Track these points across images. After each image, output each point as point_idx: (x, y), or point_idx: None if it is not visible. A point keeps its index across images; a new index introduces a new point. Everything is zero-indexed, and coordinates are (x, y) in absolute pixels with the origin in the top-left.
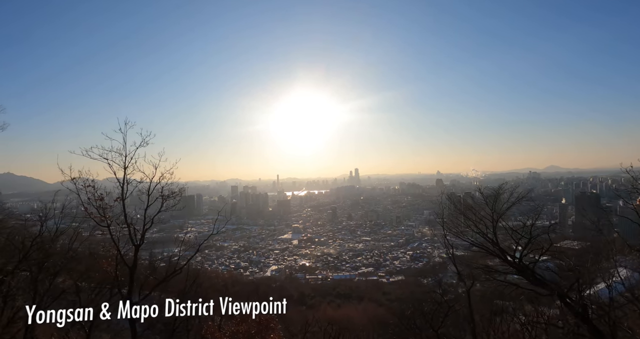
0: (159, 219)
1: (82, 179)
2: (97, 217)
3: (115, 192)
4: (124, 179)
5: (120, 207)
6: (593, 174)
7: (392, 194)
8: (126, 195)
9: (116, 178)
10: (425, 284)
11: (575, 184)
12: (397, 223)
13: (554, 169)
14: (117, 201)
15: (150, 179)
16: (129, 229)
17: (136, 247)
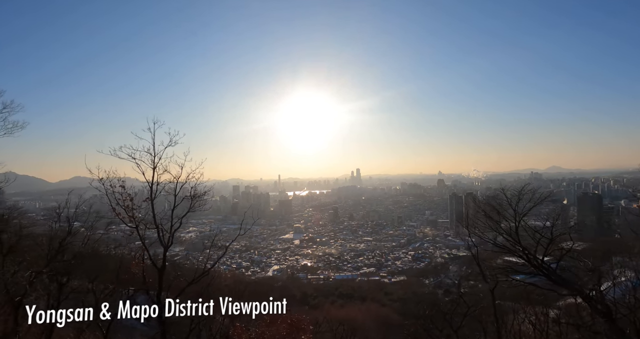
0: (186, 220)
1: (109, 180)
2: (126, 218)
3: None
4: (153, 179)
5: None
6: (595, 174)
7: (394, 194)
8: (155, 195)
9: (145, 178)
10: (428, 285)
11: (577, 184)
12: (399, 223)
13: (555, 170)
14: (146, 201)
15: (176, 179)
16: (157, 230)
17: (165, 249)
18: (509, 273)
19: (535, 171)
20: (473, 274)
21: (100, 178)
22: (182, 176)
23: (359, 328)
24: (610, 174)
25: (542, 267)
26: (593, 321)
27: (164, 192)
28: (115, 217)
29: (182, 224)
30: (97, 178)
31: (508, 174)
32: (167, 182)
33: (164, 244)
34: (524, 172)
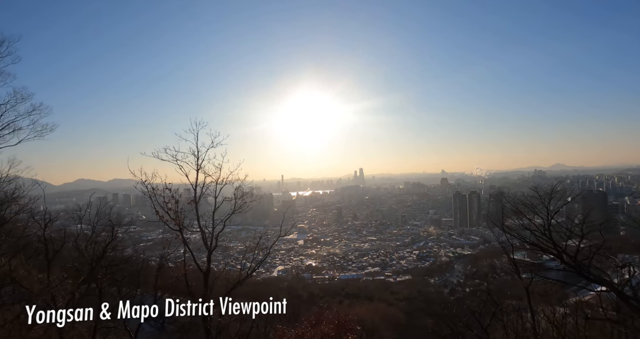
0: (230, 221)
1: (146, 182)
2: (170, 221)
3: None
4: (197, 181)
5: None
6: (599, 172)
7: (397, 193)
8: (199, 198)
9: (188, 180)
10: (433, 284)
11: (581, 182)
12: (403, 223)
13: (559, 168)
14: (190, 203)
15: (216, 181)
16: (202, 233)
17: (209, 252)
18: (536, 271)
19: (539, 169)
20: (478, 273)
21: (144, 180)
22: (222, 177)
23: (374, 329)
24: (614, 171)
25: (575, 264)
26: (620, 316)
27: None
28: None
29: (225, 226)
30: (104, 179)
31: (511, 172)
32: (211, 183)
33: (208, 247)
34: (527, 171)
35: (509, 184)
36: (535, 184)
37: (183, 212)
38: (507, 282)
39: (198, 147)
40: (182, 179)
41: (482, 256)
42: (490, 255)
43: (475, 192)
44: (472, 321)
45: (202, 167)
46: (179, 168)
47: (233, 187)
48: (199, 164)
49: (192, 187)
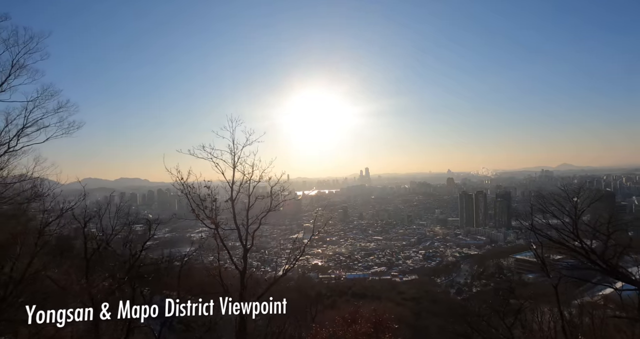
0: (265, 220)
1: (179, 182)
2: (206, 220)
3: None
4: (233, 179)
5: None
6: (606, 172)
7: (403, 193)
8: (236, 196)
9: (224, 178)
10: (440, 284)
11: (589, 182)
12: (409, 222)
13: (566, 168)
14: (227, 202)
15: (249, 178)
16: (238, 231)
17: (245, 250)
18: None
19: (546, 169)
20: (485, 273)
21: (181, 178)
22: (256, 174)
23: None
24: (622, 171)
25: (604, 263)
26: None
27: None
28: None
29: (261, 225)
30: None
31: (518, 172)
32: (246, 181)
33: (244, 246)
34: (534, 171)
35: (516, 184)
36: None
37: (218, 210)
38: (514, 282)
39: (235, 144)
40: (208, 177)
41: (488, 256)
42: (497, 255)
43: (481, 192)
44: (483, 320)
45: (237, 165)
46: (214, 166)
47: (269, 185)
48: (235, 162)
49: (228, 185)
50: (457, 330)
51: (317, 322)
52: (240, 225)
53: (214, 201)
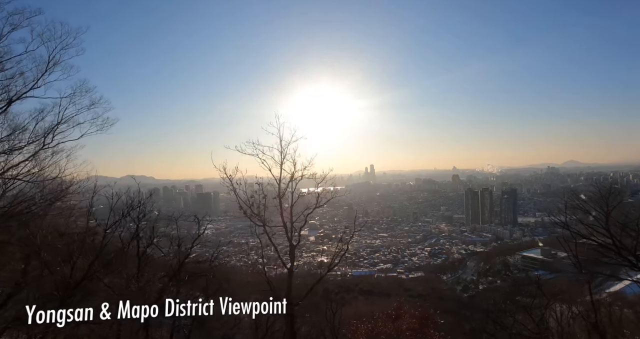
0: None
1: (228, 179)
2: (254, 217)
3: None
4: (280, 176)
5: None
6: (613, 169)
7: (408, 190)
8: (283, 193)
9: (272, 175)
10: (446, 281)
11: (595, 179)
12: (414, 219)
13: (573, 164)
14: (276, 198)
15: (291, 175)
16: (284, 228)
17: (292, 247)
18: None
19: (552, 166)
20: (491, 270)
21: (229, 175)
22: (300, 171)
23: None
24: (629, 168)
25: (634, 259)
26: None
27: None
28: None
29: (306, 222)
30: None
31: (524, 169)
32: (294, 177)
33: (291, 243)
34: (540, 167)
35: (522, 181)
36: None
37: (265, 207)
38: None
39: (282, 140)
40: (248, 173)
41: (494, 254)
42: (503, 252)
43: (487, 188)
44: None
45: (284, 161)
46: (261, 162)
47: (315, 182)
48: (282, 159)
49: (275, 181)
50: (476, 326)
51: (339, 319)
52: (286, 222)
53: (264, 198)
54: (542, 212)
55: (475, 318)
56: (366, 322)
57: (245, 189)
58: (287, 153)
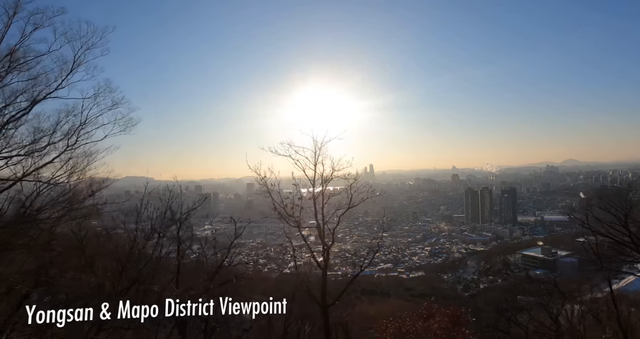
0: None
1: (262, 179)
2: (288, 217)
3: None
4: (315, 176)
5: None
6: (612, 167)
7: (408, 189)
8: (318, 193)
9: (305, 175)
10: (446, 280)
11: (594, 178)
12: (414, 219)
13: (572, 163)
14: (310, 199)
15: (320, 175)
16: (318, 228)
17: (327, 247)
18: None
19: (551, 165)
20: (492, 269)
21: (263, 176)
22: (333, 171)
23: None
24: (628, 166)
25: None
26: None
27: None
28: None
29: (340, 222)
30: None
31: (523, 168)
32: (328, 178)
33: (325, 243)
34: (539, 166)
35: (521, 180)
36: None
37: (300, 208)
38: (521, 278)
39: (315, 141)
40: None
41: (495, 253)
42: (504, 251)
43: (487, 188)
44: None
45: (318, 162)
46: (294, 163)
47: (348, 181)
48: (316, 160)
49: (310, 182)
50: (489, 324)
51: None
52: (319, 222)
53: (300, 199)
54: (539, 211)
55: (482, 316)
56: (394, 321)
57: (279, 190)
58: (320, 154)
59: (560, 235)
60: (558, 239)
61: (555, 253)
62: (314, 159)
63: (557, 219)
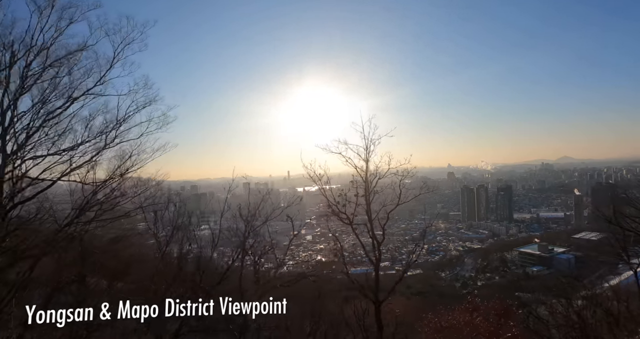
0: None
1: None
2: (342, 215)
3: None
4: (367, 173)
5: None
6: (607, 164)
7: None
8: (372, 190)
9: (357, 172)
10: (444, 278)
11: (589, 175)
12: (410, 217)
13: (567, 160)
14: (362, 196)
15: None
16: (371, 225)
17: (379, 244)
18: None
19: (546, 162)
20: (489, 266)
21: (320, 174)
22: (385, 168)
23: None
24: (622, 163)
25: None
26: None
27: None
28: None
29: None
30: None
31: (518, 165)
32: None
33: (376, 240)
34: (534, 164)
35: (516, 177)
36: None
37: (352, 205)
38: (519, 275)
39: (366, 138)
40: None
41: (492, 250)
42: (500, 249)
43: (483, 185)
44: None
45: (369, 159)
46: (346, 160)
47: (398, 178)
48: (367, 156)
49: (362, 179)
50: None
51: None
52: (370, 218)
53: (355, 196)
54: (535, 208)
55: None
56: (438, 315)
57: (330, 187)
58: (372, 150)
59: (556, 232)
60: (554, 236)
61: (552, 250)
62: (365, 155)
63: (552, 216)
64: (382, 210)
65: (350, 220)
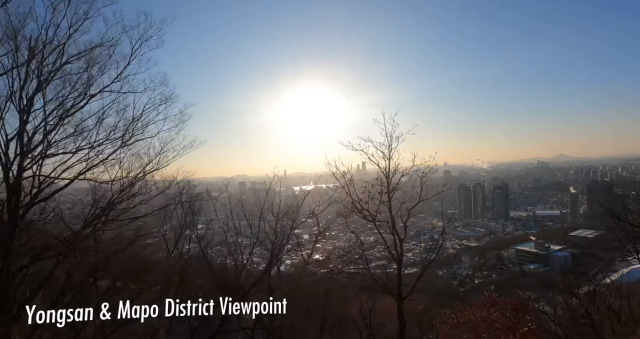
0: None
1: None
2: (366, 213)
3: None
4: (388, 171)
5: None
6: (602, 162)
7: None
8: (394, 188)
9: (380, 169)
10: (441, 276)
11: (585, 173)
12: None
13: (562, 159)
14: (386, 194)
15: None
16: (391, 223)
17: (401, 241)
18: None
19: (542, 160)
20: (486, 264)
21: (335, 172)
22: (405, 165)
23: None
24: (617, 161)
25: None
26: None
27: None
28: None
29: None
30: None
31: (514, 163)
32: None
33: (398, 236)
34: (530, 162)
35: (512, 175)
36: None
37: (375, 202)
38: (516, 273)
39: (388, 135)
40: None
41: (488, 248)
42: (497, 247)
43: (479, 184)
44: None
45: (391, 156)
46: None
47: (418, 176)
48: (390, 153)
49: (384, 175)
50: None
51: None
52: (392, 215)
53: (380, 193)
54: (531, 206)
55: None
56: (455, 311)
57: (353, 184)
58: (393, 147)
59: (552, 230)
60: (550, 233)
61: (548, 247)
62: (388, 152)
63: (548, 214)
64: (402, 207)
65: (373, 217)
